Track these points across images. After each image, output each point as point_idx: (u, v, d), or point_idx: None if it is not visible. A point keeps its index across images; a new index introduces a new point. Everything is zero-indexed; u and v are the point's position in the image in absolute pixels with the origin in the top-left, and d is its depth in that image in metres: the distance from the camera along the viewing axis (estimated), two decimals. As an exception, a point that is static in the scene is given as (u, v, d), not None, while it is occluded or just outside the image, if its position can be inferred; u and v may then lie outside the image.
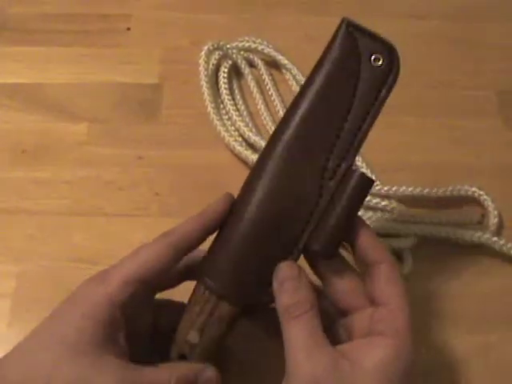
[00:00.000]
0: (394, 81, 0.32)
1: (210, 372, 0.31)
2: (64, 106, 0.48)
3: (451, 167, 0.45)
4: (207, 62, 0.48)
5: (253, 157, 0.43)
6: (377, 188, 0.42)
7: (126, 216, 0.43)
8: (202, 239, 0.32)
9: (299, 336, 0.29)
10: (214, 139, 0.46)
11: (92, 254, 0.41)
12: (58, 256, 0.41)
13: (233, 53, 0.49)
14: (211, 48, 0.48)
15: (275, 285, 0.30)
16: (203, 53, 0.48)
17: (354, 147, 0.31)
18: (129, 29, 0.52)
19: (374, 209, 0.41)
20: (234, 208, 0.32)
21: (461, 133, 0.47)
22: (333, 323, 0.32)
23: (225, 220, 0.32)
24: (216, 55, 0.49)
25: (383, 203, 0.41)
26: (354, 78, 0.31)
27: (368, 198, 0.41)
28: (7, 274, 0.41)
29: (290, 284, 0.30)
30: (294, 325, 0.29)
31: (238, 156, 0.44)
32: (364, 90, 0.31)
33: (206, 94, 0.47)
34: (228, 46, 0.49)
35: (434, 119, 0.47)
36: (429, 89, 0.49)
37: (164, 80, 0.49)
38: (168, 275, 0.32)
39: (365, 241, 0.31)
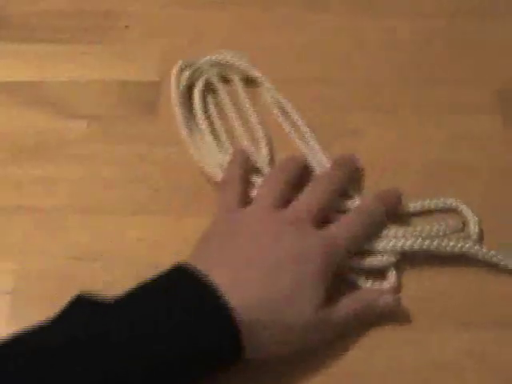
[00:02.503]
0: None
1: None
2: (64, 104, 0.48)
3: (450, 165, 0.45)
4: (178, 81, 0.47)
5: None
6: (356, 203, 0.42)
7: (125, 213, 0.43)
8: None
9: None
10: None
11: (91, 251, 0.41)
12: (57, 253, 0.41)
13: (205, 69, 0.48)
14: (183, 66, 0.47)
15: None
16: (174, 71, 0.47)
17: None
18: (127, 26, 0.52)
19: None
20: None
21: (461, 130, 0.47)
22: None
23: None
24: (188, 73, 0.48)
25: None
26: None
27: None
28: (6, 271, 0.41)
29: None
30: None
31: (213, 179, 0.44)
32: None
33: (178, 115, 0.46)
34: (200, 62, 0.48)
35: (433, 116, 0.48)
36: (428, 86, 0.49)
37: (164, 77, 0.49)
38: None
39: None
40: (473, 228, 0.42)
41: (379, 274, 0.40)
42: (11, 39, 0.51)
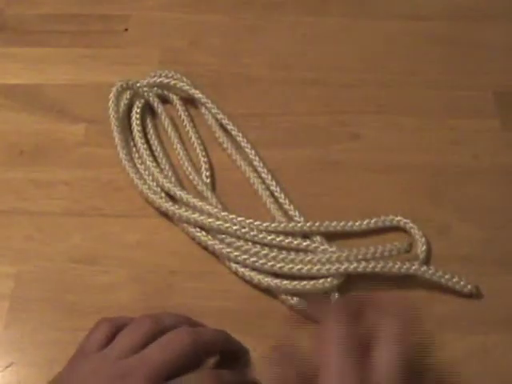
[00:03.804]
0: None
1: None
2: (62, 107, 0.47)
3: (448, 168, 0.44)
4: (117, 104, 0.45)
5: (173, 209, 0.41)
6: (299, 225, 0.40)
7: (123, 217, 0.42)
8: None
9: None
10: (212, 140, 0.46)
11: (90, 254, 0.41)
12: (57, 257, 0.41)
13: (144, 91, 0.47)
14: (120, 88, 0.46)
15: None
16: (112, 94, 0.45)
17: None
18: (126, 29, 0.52)
19: (295, 250, 0.39)
20: None
21: (458, 133, 0.46)
22: None
23: None
24: (127, 95, 0.46)
25: (304, 244, 0.39)
26: None
27: (289, 240, 0.39)
28: (5, 274, 0.40)
29: None
30: None
31: (154, 207, 0.42)
32: None
33: (116, 139, 0.44)
34: (139, 83, 0.47)
35: (431, 119, 0.47)
36: (426, 89, 0.48)
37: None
38: None
39: None
40: (420, 247, 0.40)
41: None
42: (10, 42, 0.51)
